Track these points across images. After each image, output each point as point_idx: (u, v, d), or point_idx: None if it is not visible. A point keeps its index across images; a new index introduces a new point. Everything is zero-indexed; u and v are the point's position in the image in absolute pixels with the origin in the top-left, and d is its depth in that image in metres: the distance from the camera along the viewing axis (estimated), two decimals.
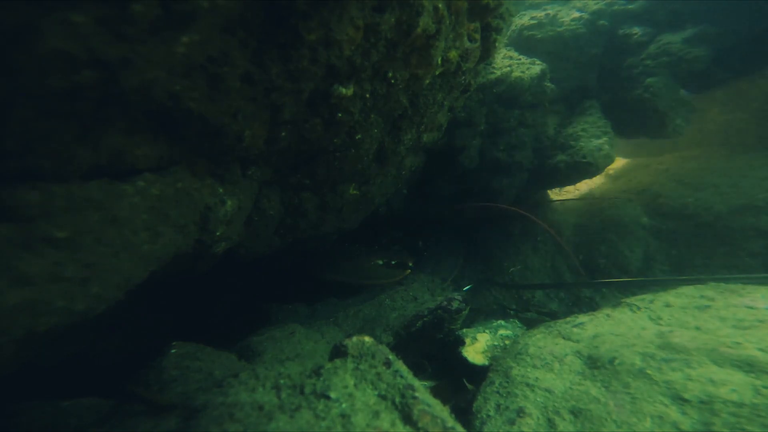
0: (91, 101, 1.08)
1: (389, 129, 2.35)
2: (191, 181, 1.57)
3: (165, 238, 1.49)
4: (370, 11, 1.53)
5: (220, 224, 1.78)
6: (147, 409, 1.34)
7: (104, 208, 1.24)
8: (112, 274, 1.32)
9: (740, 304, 2.15)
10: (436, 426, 1.11)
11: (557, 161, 4.19)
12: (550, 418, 1.67)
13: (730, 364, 1.68)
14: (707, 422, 1.46)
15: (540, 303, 3.94)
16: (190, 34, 1.12)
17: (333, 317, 3.09)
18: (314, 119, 1.81)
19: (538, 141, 4.30)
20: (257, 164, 1.92)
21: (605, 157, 4.12)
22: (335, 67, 1.61)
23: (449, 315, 2.95)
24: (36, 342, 1.24)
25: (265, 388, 1.25)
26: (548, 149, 4.33)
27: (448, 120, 2.95)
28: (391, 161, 2.59)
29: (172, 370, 1.67)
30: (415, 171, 3.36)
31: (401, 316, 3.07)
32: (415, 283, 3.62)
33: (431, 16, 1.78)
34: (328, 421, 1.10)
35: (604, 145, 4.13)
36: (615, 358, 1.87)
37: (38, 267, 1.12)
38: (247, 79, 1.36)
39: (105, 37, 0.99)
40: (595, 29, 4.63)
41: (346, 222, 2.85)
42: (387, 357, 1.34)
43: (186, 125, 1.34)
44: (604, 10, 4.68)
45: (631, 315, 2.32)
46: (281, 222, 2.41)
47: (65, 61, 0.97)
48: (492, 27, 2.50)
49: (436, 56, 2.00)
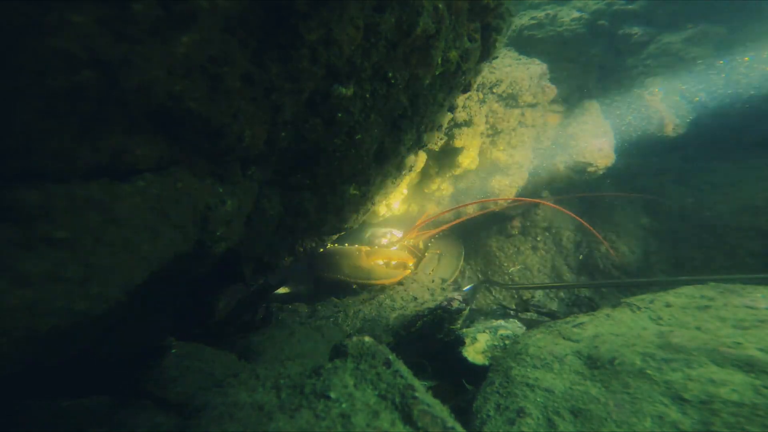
0: (91, 101, 1.08)
1: (389, 129, 2.35)
2: (191, 181, 1.57)
3: (165, 238, 1.49)
4: (370, 11, 1.53)
5: (220, 224, 1.78)
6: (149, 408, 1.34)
7: (104, 208, 1.24)
8: (112, 274, 1.32)
9: (740, 304, 2.15)
10: (436, 426, 1.11)
11: (557, 161, 4.19)
12: (550, 418, 1.67)
13: (730, 364, 1.68)
14: (707, 422, 1.46)
15: (540, 303, 3.94)
16: (190, 34, 1.12)
17: (333, 317, 3.09)
18: (314, 119, 1.81)
19: (538, 141, 4.30)
20: (257, 164, 1.92)
21: (605, 157, 4.13)
22: (335, 67, 1.61)
23: (449, 315, 2.95)
24: (37, 342, 1.24)
25: (265, 388, 1.25)
26: (548, 149, 4.33)
27: (448, 120, 2.95)
28: (391, 161, 2.59)
29: (172, 370, 1.67)
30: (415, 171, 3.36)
31: (401, 316, 3.07)
32: (415, 283, 3.62)
33: (431, 16, 1.78)
34: (328, 421, 1.10)
35: (604, 145, 4.14)
36: (615, 358, 1.87)
37: (38, 267, 1.12)
38: (247, 79, 1.36)
39: (105, 37, 0.99)
40: (595, 29, 4.63)
41: (346, 222, 2.84)
42: (387, 357, 1.34)
43: (186, 125, 1.34)
44: (604, 10, 4.68)
45: (631, 315, 2.32)
46: (281, 222, 2.41)
47: (65, 61, 0.97)
48: (492, 27, 2.50)
49: (436, 56, 2.00)
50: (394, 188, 3.17)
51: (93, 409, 1.48)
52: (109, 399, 1.54)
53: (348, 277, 3.51)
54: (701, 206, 4.10)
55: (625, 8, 4.64)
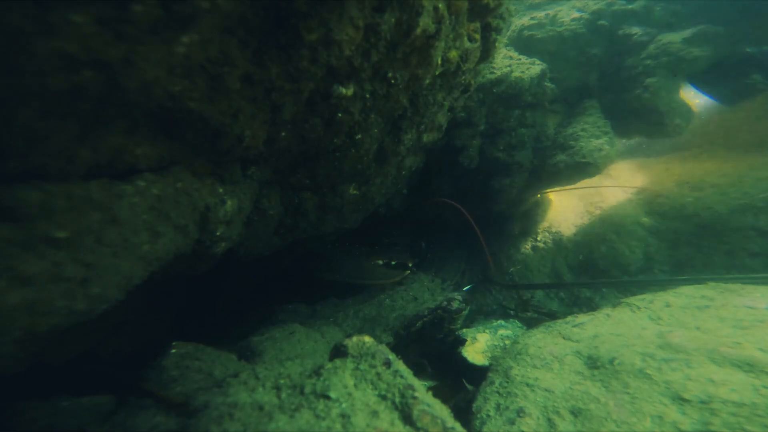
0: (91, 101, 1.08)
1: (389, 129, 2.35)
2: (191, 181, 1.57)
3: (165, 238, 1.49)
4: (370, 11, 1.53)
5: (220, 224, 1.78)
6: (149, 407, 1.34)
7: (104, 208, 1.24)
8: (112, 274, 1.32)
9: (740, 304, 2.14)
10: (436, 426, 1.11)
11: (557, 161, 4.19)
12: (550, 418, 1.67)
13: (730, 364, 1.68)
14: (707, 422, 1.46)
15: (540, 303, 3.94)
16: (190, 35, 1.12)
17: (333, 317, 3.09)
18: (314, 119, 1.81)
19: (538, 141, 4.30)
20: (257, 164, 1.92)
21: (605, 157, 4.13)
22: (335, 67, 1.61)
23: (449, 315, 2.95)
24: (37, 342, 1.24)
25: (265, 388, 1.25)
26: (548, 149, 4.33)
27: (448, 120, 2.95)
28: (391, 161, 2.59)
29: (172, 370, 1.67)
30: (415, 171, 3.36)
31: (401, 316, 3.08)
32: (415, 283, 3.62)
33: (431, 16, 1.78)
34: (328, 421, 1.11)
35: (604, 145, 4.13)
36: (615, 358, 1.87)
37: (38, 267, 1.12)
38: (247, 79, 1.36)
39: (105, 37, 0.99)
40: (595, 29, 4.63)
41: (346, 222, 2.84)
42: (387, 357, 1.34)
43: (186, 125, 1.34)
44: (604, 10, 4.68)
45: (631, 315, 2.32)
46: (281, 222, 2.41)
47: (65, 61, 0.97)
48: (492, 27, 2.50)
49: (436, 56, 2.00)
50: (395, 188, 3.17)
51: (93, 409, 1.48)
52: (109, 399, 1.54)
53: (348, 278, 3.51)
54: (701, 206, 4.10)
55: (625, 8, 4.64)
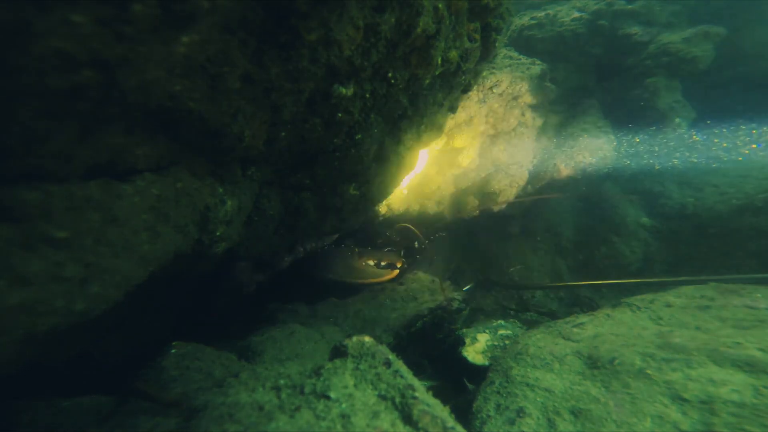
0: (91, 101, 1.08)
1: (389, 129, 2.35)
2: (191, 181, 1.57)
3: (165, 238, 1.49)
4: (370, 11, 1.53)
5: (220, 224, 1.78)
6: (149, 408, 1.34)
7: (104, 208, 1.24)
8: (112, 274, 1.32)
9: (740, 304, 2.14)
10: (436, 426, 1.10)
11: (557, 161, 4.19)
12: (550, 418, 1.67)
13: (730, 364, 1.68)
14: (707, 422, 1.46)
15: (540, 303, 3.94)
16: (190, 34, 1.12)
17: (333, 317, 3.09)
18: (314, 119, 1.81)
19: (538, 141, 4.31)
20: (257, 164, 1.92)
21: (605, 156, 4.13)
22: (335, 67, 1.61)
23: (449, 315, 2.95)
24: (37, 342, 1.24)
25: (265, 388, 1.25)
26: (548, 149, 4.33)
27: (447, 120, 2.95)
28: (392, 161, 2.59)
29: (172, 370, 1.67)
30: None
31: (401, 316, 3.07)
32: (415, 283, 3.62)
33: (431, 16, 1.78)
34: (328, 421, 1.10)
35: (604, 145, 4.14)
36: (615, 358, 1.86)
37: (38, 267, 1.12)
38: (247, 79, 1.35)
39: (105, 37, 0.99)
40: (595, 29, 4.63)
41: (346, 222, 2.84)
42: (387, 357, 1.33)
43: (186, 125, 1.34)
44: (604, 10, 4.68)
45: (631, 315, 2.32)
46: (281, 222, 2.41)
47: (65, 61, 0.97)
48: (492, 27, 2.49)
49: (436, 56, 2.00)
50: (395, 188, 3.17)
51: (93, 409, 1.48)
52: (109, 399, 1.54)
53: (341, 276, 3.58)
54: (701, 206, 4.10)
55: (625, 8, 4.64)
